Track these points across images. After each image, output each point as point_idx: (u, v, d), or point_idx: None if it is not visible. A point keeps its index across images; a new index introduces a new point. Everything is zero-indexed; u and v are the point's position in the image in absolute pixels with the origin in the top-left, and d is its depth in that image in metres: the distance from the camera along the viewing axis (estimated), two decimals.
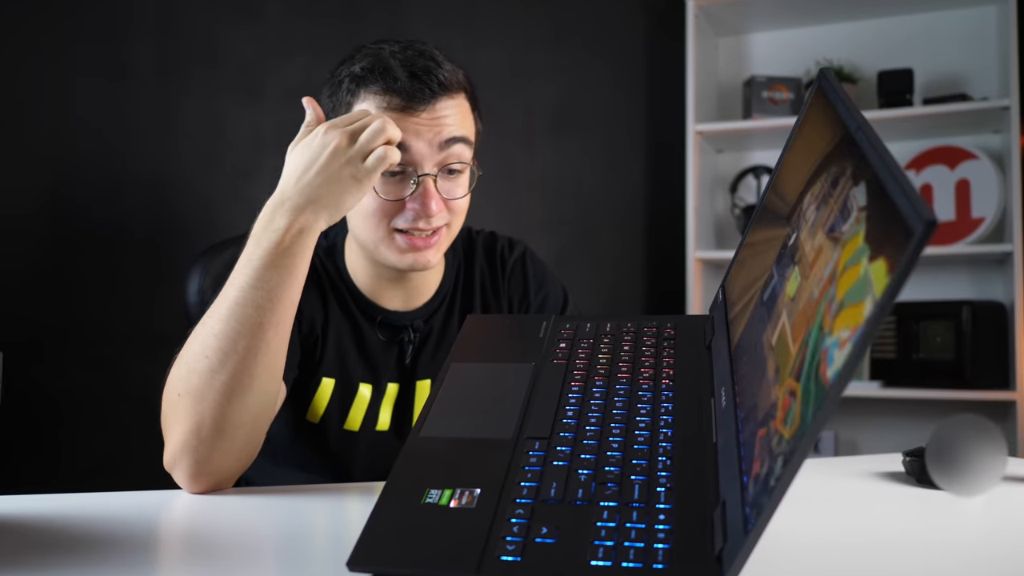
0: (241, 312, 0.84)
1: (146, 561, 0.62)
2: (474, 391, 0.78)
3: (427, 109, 1.02)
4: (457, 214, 1.09)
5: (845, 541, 0.69)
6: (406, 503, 0.62)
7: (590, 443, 0.68)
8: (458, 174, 1.07)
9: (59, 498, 0.77)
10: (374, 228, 1.05)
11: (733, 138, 2.90)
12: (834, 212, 0.57)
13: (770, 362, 0.60)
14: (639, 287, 3.01)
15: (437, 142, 1.03)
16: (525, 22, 2.94)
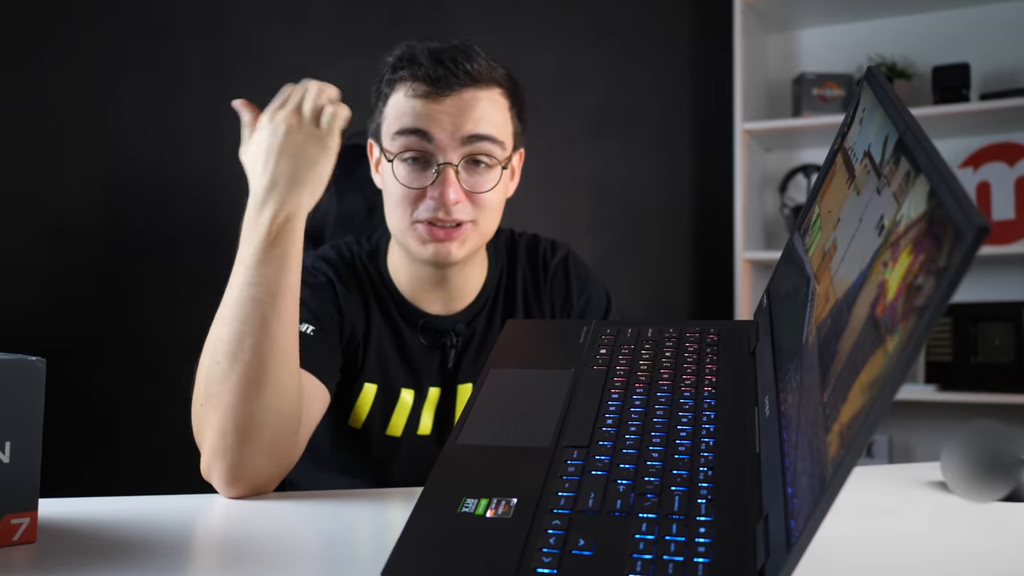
0: (242, 311, 0.83)
1: (177, 566, 0.63)
2: (513, 398, 0.77)
3: (451, 96, 1.01)
4: (485, 210, 1.06)
5: (873, 553, 0.67)
6: (442, 512, 0.62)
7: (630, 452, 0.67)
8: (485, 168, 1.05)
9: (104, 501, 0.78)
10: (399, 217, 1.05)
11: (782, 136, 2.85)
12: (884, 217, 0.55)
13: (817, 370, 0.58)
14: (685, 289, 2.97)
15: (461, 133, 1.02)
16: (567, 23, 2.92)
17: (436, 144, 1.02)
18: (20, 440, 0.64)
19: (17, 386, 0.64)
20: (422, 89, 1.02)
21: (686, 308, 2.96)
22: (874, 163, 0.61)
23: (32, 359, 0.65)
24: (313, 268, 1.10)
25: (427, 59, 1.02)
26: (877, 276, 0.52)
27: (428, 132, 1.01)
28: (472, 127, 1.02)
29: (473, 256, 1.12)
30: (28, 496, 0.65)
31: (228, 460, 0.81)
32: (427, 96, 1.02)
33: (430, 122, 1.01)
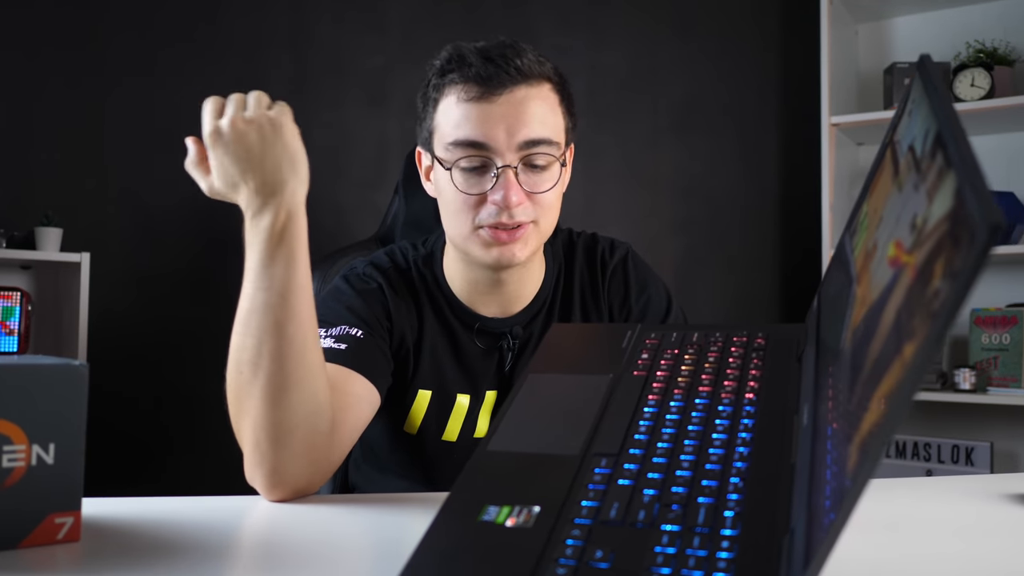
0: (255, 319, 0.82)
1: (212, 566, 0.64)
2: (548, 403, 0.76)
3: (505, 95, 1.00)
4: (545, 210, 1.05)
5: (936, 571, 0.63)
6: (463, 520, 0.61)
7: (659, 461, 0.64)
8: (542, 168, 1.03)
9: (148, 501, 0.80)
10: (460, 224, 1.04)
11: (873, 130, 2.74)
12: (916, 215, 0.52)
13: (848, 377, 0.55)
14: (773, 287, 2.89)
15: (517, 138, 1.00)
16: (648, 18, 2.88)
17: (493, 150, 1.00)
18: (63, 442, 0.67)
19: (61, 390, 0.67)
20: (474, 91, 1.00)
21: (775, 305, 2.88)
22: (915, 158, 0.58)
23: (76, 363, 0.67)
24: (364, 275, 1.11)
25: (476, 58, 1.01)
26: (907, 278, 0.49)
27: (485, 142, 1.00)
28: (528, 132, 1.01)
29: (532, 257, 1.11)
30: (71, 496, 0.67)
31: (266, 468, 0.82)
32: (480, 98, 1.00)
33: (486, 129, 1.00)
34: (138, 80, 2.60)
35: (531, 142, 1.01)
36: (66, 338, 2.43)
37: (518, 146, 1.00)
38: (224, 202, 0.89)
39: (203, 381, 2.46)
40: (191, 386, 2.49)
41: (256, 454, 0.82)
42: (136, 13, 2.61)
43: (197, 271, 2.63)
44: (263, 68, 2.68)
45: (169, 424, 2.49)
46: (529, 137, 1.01)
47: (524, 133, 1.00)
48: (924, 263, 0.46)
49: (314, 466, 0.85)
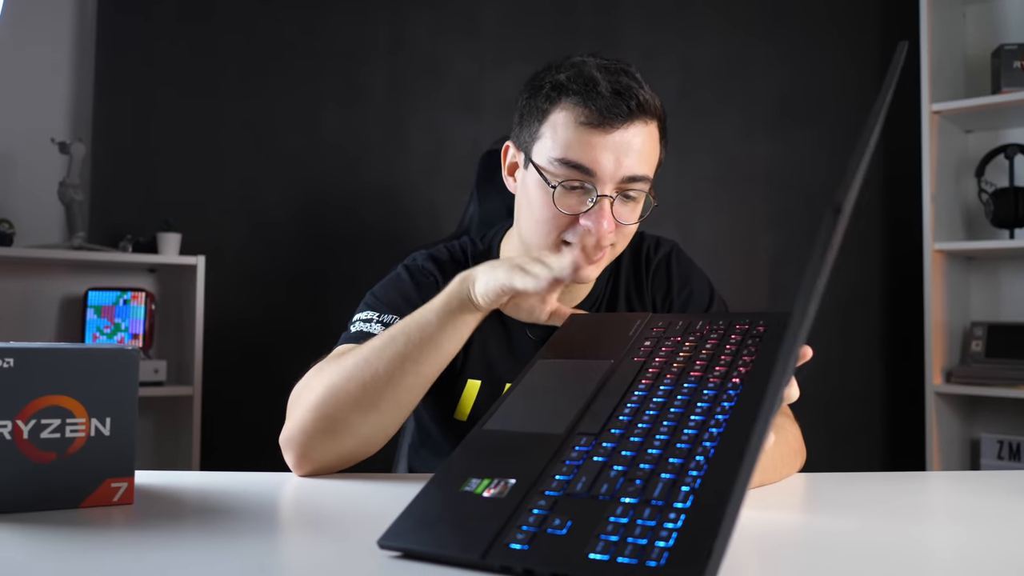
0: (404, 341, 0.95)
1: (243, 529, 0.72)
2: (549, 387, 0.81)
3: (620, 129, 1.02)
4: (624, 237, 1.10)
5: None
6: (446, 490, 0.67)
7: (635, 440, 0.68)
8: (634, 201, 1.07)
9: (197, 474, 0.90)
10: (544, 236, 1.08)
11: (981, 115, 2.61)
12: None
13: None
14: (875, 282, 2.80)
15: (621, 172, 1.03)
16: (741, 11, 2.85)
17: (598, 178, 1.03)
18: (119, 416, 0.77)
19: (115, 371, 0.76)
20: (595, 119, 1.02)
21: (878, 300, 2.80)
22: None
23: (128, 348, 0.77)
24: (423, 268, 1.18)
25: (606, 87, 1.03)
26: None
27: (592, 169, 1.03)
28: (631, 168, 1.03)
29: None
30: (126, 463, 0.77)
31: (301, 449, 0.93)
32: (598, 125, 1.02)
33: (596, 157, 1.02)
34: (248, 90, 2.79)
35: (631, 178, 1.04)
36: (186, 335, 2.63)
37: (620, 179, 1.03)
38: (330, 207, 1.01)
39: (297, 376, 2.61)
40: (298, 376, 2.64)
41: (299, 435, 0.93)
42: (246, 26, 2.80)
43: (305, 272, 2.79)
44: (364, 76, 2.81)
45: (279, 409, 2.65)
46: (631, 173, 1.04)
47: (628, 168, 1.03)
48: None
49: (345, 461, 0.95)
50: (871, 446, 2.77)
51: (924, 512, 0.84)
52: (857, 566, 0.62)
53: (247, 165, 2.78)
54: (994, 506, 0.82)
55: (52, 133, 2.63)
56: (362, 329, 1.08)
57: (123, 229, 2.64)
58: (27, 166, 2.63)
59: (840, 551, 0.66)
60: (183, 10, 2.77)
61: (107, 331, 2.59)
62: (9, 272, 2.59)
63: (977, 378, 2.48)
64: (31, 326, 2.60)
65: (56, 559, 0.61)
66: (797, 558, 0.65)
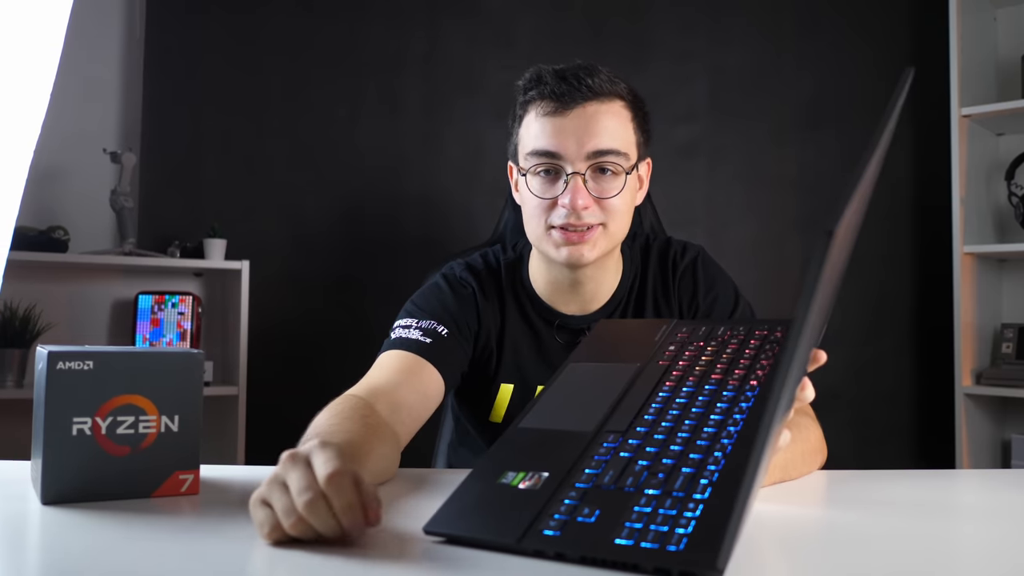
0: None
1: None
2: (579, 388, 0.87)
3: (576, 110, 1.11)
4: (613, 215, 1.15)
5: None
6: (485, 482, 0.73)
7: (659, 438, 0.74)
8: (611, 175, 1.14)
9: (258, 469, 0.97)
10: (536, 225, 1.16)
11: (1013, 119, 2.62)
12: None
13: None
14: (906, 284, 2.82)
15: (586, 148, 1.11)
16: (771, 16, 2.88)
17: (564, 158, 1.12)
18: (186, 413, 0.84)
19: (183, 372, 0.84)
20: (550, 107, 1.13)
21: (908, 302, 2.81)
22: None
23: (194, 352, 0.85)
24: (461, 279, 1.25)
25: (552, 78, 1.14)
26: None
27: (557, 151, 1.12)
28: (596, 142, 1.11)
29: (606, 259, 1.21)
30: (192, 456, 0.84)
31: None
32: (554, 112, 1.12)
33: (558, 140, 1.12)
34: (290, 102, 2.88)
35: (599, 152, 1.12)
36: (231, 337, 2.72)
37: (587, 155, 1.12)
38: (369, 214, 1.07)
39: (349, 376, 2.69)
40: (338, 380, 2.72)
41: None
42: (288, 41, 2.89)
43: (344, 276, 2.87)
44: (401, 87, 2.89)
45: (319, 409, 2.74)
46: (598, 148, 1.12)
47: (593, 144, 1.11)
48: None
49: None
50: (901, 447, 2.79)
51: (951, 507, 0.88)
52: (876, 557, 0.67)
53: (289, 174, 2.87)
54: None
55: (103, 144, 2.74)
56: (401, 335, 1.15)
57: (171, 235, 2.75)
58: (80, 176, 2.74)
59: (861, 542, 0.70)
60: (228, 26, 2.87)
61: (155, 333, 2.69)
62: (64, 277, 2.70)
63: (1008, 379, 2.50)
64: (84, 329, 2.71)
65: (132, 544, 0.67)
66: (818, 549, 0.70)
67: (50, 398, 0.79)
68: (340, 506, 0.63)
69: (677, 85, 2.87)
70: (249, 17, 2.88)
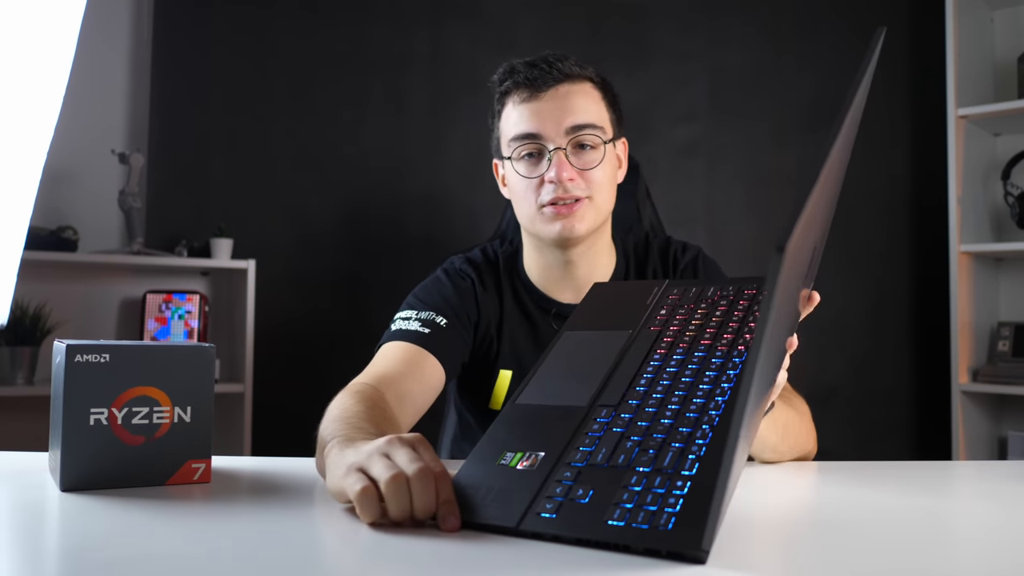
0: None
1: (300, 503, 0.82)
2: (573, 359, 0.90)
3: (550, 92, 1.18)
4: (597, 186, 1.20)
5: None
6: (485, 464, 0.76)
7: (650, 411, 0.76)
8: (590, 148, 1.20)
9: (269, 460, 1.01)
10: (527, 206, 1.22)
11: (1010, 120, 2.65)
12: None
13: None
14: (904, 283, 2.85)
15: (564, 125, 1.18)
16: (771, 17, 2.91)
17: (545, 137, 1.19)
18: (198, 405, 0.87)
19: (195, 365, 0.87)
20: (524, 94, 1.20)
21: (905, 300, 2.84)
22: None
23: (206, 345, 0.88)
24: (461, 271, 1.29)
25: (523, 67, 1.21)
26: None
27: (537, 132, 1.18)
28: (573, 118, 1.18)
29: (596, 241, 1.25)
30: (204, 446, 0.88)
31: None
32: (530, 98, 1.19)
33: (537, 121, 1.18)
34: (296, 103, 2.92)
35: (576, 127, 1.19)
36: (237, 335, 2.76)
37: (566, 131, 1.18)
38: (373, 214, 1.10)
39: (353, 373, 2.72)
40: (342, 377, 2.76)
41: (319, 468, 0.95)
42: (293, 43, 2.93)
43: (349, 276, 2.91)
44: (405, 87, 2.93)
45: (322, 404, 2.77)
46: (574, 123, 1.18)
47: (569, 120, 1.18)
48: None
49: None
50: (899, 443, 2.81)
51: (946, 494, 0.91)
52: (866, 543, 0.70)
53: (295, 174, 2.91)
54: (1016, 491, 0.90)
55: (112, 145, 2.78)
56: (401, 327, 1.19)
57: (179, 235, 2.79)
58: (89, 177, 2.78)
59: (851, 527, 0.74)
60: (234, 27, 2.91)
61: (163, 331, 2.73)
62: (73, 276, 2.74)
63: (1004, 377, 2.53)
64: (93, 327, 2.75)
65: (148, 529, 0.71)
66: (807, 534, 0.73)
67: (68, 390, 0.82)
68: (428, 501, 0.68)
69: (677, 85, 2.90)
70: (255, 19, 2.92)
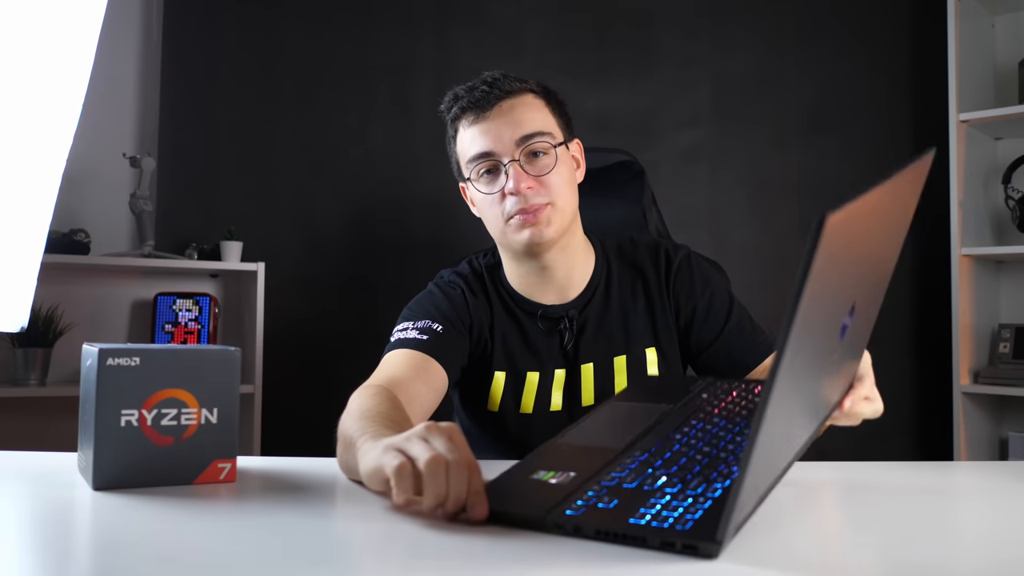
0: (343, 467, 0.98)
1: (321, 500, 0.85)
2: (616, 417, 0.98)
3: (494, 110, 1.23)
4: (556, 190, 1.24)
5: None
6: (520, 477, 0.81)
7: (683, 460, 0.81)
8: (542, 155, 1.24)
9: (291, 460, 1.04)
10: (494, 221, 1.27)
11: (1011, 124, 2.68)
12: None
13: None
14: (905, 286, 2.88)
15: (513, 137, 1.22)
16: (774, 22, 2.94)
17: (498, 153, 1.23)
18: (223, 406, 0.91)
19: (221, 368, 0.91)
20: (471, 115, 1.25)
21: (906, 306, 2.87)
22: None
23: (231, 349, 0.91)
24: (451, 282, 1.35)
25: (465, 92, 1.26)
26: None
27: (490, 150, 1.23)
28: (520, 130, 1.23)
29: (569, 242, 1.30)
30: (230, 447, 0.91)
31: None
32: (477, 119, 1.24)
33: (488, 139, 1.23)
34: (303, 108, 2.95)
35: (525, 136, 1.23)
36: (246, 336, 2.79)
37: (516, 143, 1.23)
38: (379, 217, 1.14)
39: (359, 371, 2.75)
40: (350, 378, 2.79)
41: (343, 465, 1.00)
42: (300, 48, 2.96)
43: (356, 278, 2.94)
44: (411, 92, 2.96)
45: (330, 405, 2.80)
46: (523, 133, 1.23)
47: (517, 132, 1.23)
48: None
49: None
50: (900, 444, 2.84)
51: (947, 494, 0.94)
52: (868, 541, 0.73)
53: (303, 178, 2.94)
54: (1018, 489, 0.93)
55: (122, 148, 2.82)
56: (400, 337, 1.25)
57: (189, 238, 2.82)
58: (101, 180, 2.81)
59: (856, 525, 0.77)
60: (243, 32, 2.94)
61: (173, 332, 2.76)
62: (85, 278, 2.77)
63: (1005, 378, 2.55)
64: (105, 328, 2.78)
65: (178, 527, 0.73)
66: (816, 535, 0.77)
67: (100, 392, 0.85)
68: (461, 488, 0.72)
69: (681, 90, 2.93)
70: (263, 24, 2.96)
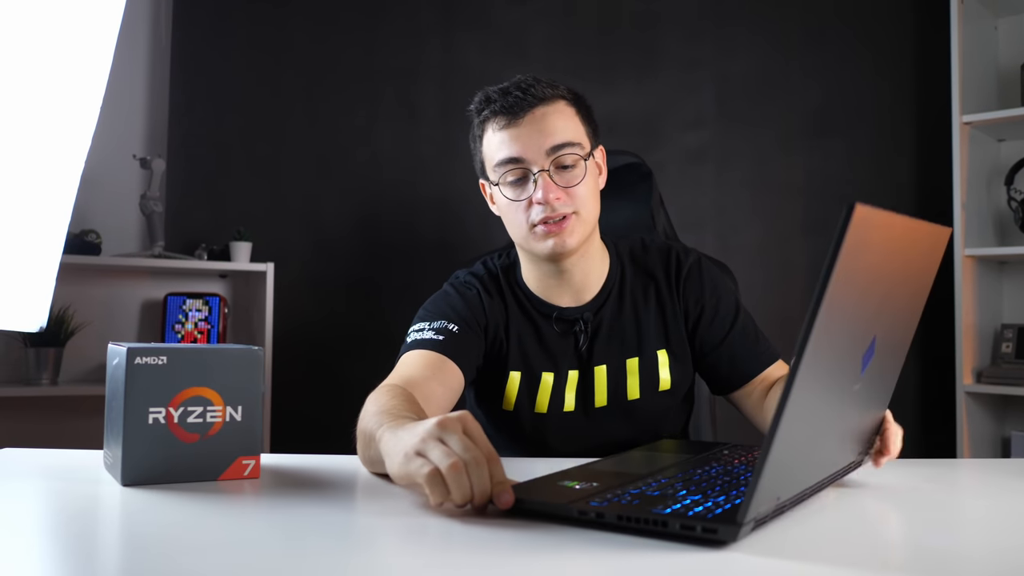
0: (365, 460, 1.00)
1: (341, 495, 0.88)
2: (638, 457, 1.05)
3: (527, 116, 1.24)
4: (582, 201, 1.25)
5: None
6: (546, 481, 0.86)
7: (702, 484, 0.84)
8: (571, 167, 1.25)
9: (312, 457, 1.07)
10: (518, 227, 1.27)
11: (1013, 126, 2.70)
12: None
13: None
14: None
15: (544, 147, 1.23)
16: (779, 25, 2.96)
17: (528, 161, 1.24)
18: (247, 404, 0.93)
19: (245, 367, 0.93)
20: (503, 120, 1.25)
21: None
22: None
23: (254, 348, 0.94)
24: (467, 283, 1.36)
25: (499, 95, 1.26)
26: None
27: (520, 156, 1.24)
28: (552, 139, 1.24)
29: (588, 248, 1.31)
30: (254, 444, 0.94)
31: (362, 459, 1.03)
32: (509, 124, 1.25)
33: (518, 146, 1.24)
34: (311, 111, 2.98)
35: (556, 147, 1.24)
36: (255, 336, 2.82)
37: (547, 152, 1.24)
38: (386, 219, 1.16)
39: (366, 372, 2.78)
40: (357, 378, 2.81)
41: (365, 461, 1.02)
42: (308, 51, 2.99)
43: (363, 279, 2.97)
44: (417, 95, 2.99)
45: (339, 406, 2.83)
46: (554, 143, 1.24)
47: (549, 141, 1.24)
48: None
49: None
50: (904, 444, 2.86)
51: (951, 491, 0.97)
52: (871, 538, 0.75)
53: (311, 179, 2.97)
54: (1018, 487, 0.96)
55: (132, 150, 2.84)
56: (416, 338, 1.26)
57: (198, 238, 2.84)
58: (111, 181, 2.84)
59: (859, 524, 0.79)
60: (251, 35, 2.97)
61: (183, 332, 2.79)
62: (96, 278, 2.80)
63: (1007, 378, 2.58)
64: (115, 327, 2.81)
65: (205, 521, 0.76)
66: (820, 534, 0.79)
67: (129, 390, 0.88)
68: (484, 485, 0.74)
69: (685, 92, 2.96)
70: (272, 27, 2.98)
